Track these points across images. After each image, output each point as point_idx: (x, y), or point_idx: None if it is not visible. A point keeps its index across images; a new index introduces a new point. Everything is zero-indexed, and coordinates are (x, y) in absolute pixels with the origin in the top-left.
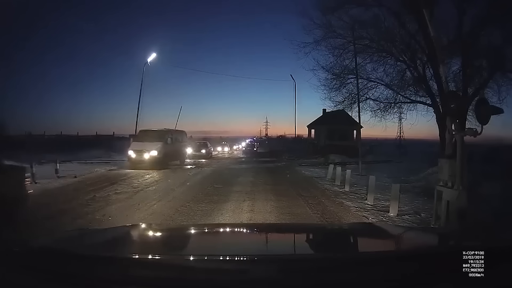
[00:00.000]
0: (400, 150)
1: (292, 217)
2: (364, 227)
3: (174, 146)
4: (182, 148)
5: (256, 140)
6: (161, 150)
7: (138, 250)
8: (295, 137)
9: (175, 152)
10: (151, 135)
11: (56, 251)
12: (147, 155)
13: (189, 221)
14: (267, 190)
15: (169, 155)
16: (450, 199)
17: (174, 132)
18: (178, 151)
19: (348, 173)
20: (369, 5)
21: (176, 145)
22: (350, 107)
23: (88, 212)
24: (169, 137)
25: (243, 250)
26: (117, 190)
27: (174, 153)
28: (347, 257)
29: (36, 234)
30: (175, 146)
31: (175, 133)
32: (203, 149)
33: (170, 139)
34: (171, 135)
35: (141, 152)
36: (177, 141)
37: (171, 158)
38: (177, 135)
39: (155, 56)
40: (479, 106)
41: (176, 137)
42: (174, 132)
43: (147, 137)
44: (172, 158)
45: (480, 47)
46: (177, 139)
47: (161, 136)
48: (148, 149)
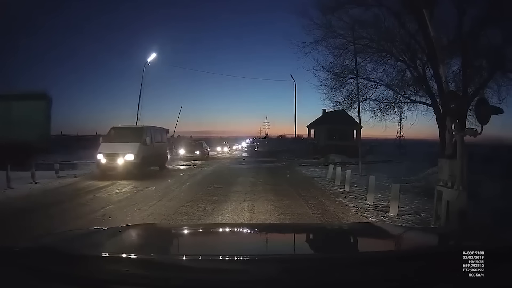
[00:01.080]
0: (400, 150)
1: (292, 217)
2: (364, 227)
3: (154, 147)
4: (162, 149)
5: (256, 140)
6: (138, 153)
7: (138, 250)
8: (295, 137)
9: (155, 154)
10: (126, 134)
11: (56, 251)
12: (121, 160)
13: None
14: (267, 190)
15: (149, 159)
16: (450, 199)
17: (153, 130)
18: (158, 154)
19: (348, 173)
20: (369, 5)
21: (156, 146)
22: (350, 107)
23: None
24: (147, 136)
25: (243, 250)
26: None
27: (154, 156)
28: (347, 257)
29: (36, 234)
30: (155, 148)
31: (155, 131)
32: (197, 150)
33: (149, 138)
34: (151, 133)
35: (113, 157)
36: (157, 141)
37: (150, 163)
38: (157, 133)
39: (155, 56)
40: (479, 106)
41: (155, 135)
42: (154, 129)
43: (121, 136)
44: (152, 162)
45: (480, 47)
46: (156, 138)
47: (138, 134)
48: (122, 152)
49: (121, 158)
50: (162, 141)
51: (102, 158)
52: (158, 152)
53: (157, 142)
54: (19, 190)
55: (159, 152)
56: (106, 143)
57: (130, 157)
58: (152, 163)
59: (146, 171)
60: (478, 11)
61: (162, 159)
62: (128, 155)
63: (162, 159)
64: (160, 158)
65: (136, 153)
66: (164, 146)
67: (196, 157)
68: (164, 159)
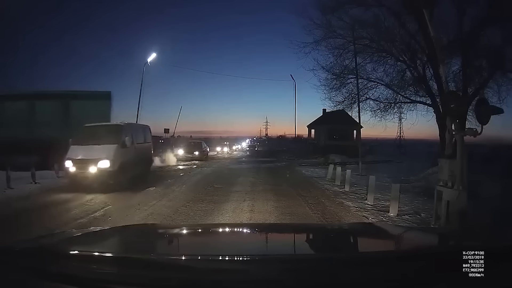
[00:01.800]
0: (400, 150)
1: (292, 217)
2: (364, 227)
3: (135, 149)
4: (146, 152)
5: (256, 140)
6: (115, 158)
7: (137, 250)
8: (295, 137)
9: (137, 159)
10: (100, 135)
11: (56, 251)
12: (94, 169)
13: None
14: (267, 190)
15: (128, 164)
16: (450, 199)
17: (134, 128)
18: (141, 158)
19: (348, 173)
20: (369, 5)
21: (139, 148)
22: (350, 107)
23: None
24: (126, 135)
25: (243, 250)
26: None
27: (135, 161)
28: (347, 257)
29: (36, 234)
30: (137, 150)
31: (136, 129)
32: (196, 151)
33: (129, 139)
34: (131, 133)
35: (84, 164)
36: (139, 142)
37: (131, 169)
38: (139, 132)
39: (155, 56)
40: (479, 106)
41: (137, 135)
42: (135, 127)
43: (94, 137)
44: (133, 168)
45: (480, 47)
46: (138, 138)
47: (114, 134)
48: (94, 158)
49: (93, 165)
50: (146, 142)
51: (70, 166)
52: (141, 155)
53: (139, 143)
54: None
55: (142, 156)
56: (77, 146)
57: (104, 164)
58: (133, 169)
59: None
60: (478, 11)
61: (145, 163)
62: (102, 161)
63: (145, 163)
64: (144, 162)
65: (113, 159)
66: (148, 147)
67: (195, 157)
68: (149, 163)
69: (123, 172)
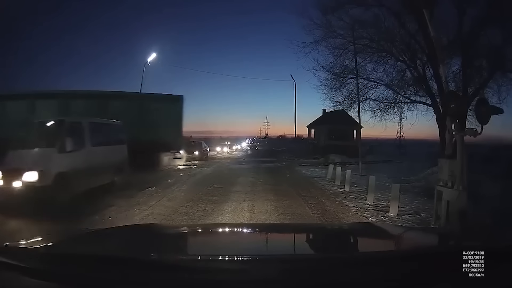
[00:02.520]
0: (400, 150)
1: (292, 217)
2: (364, 227)
3: (92, 153)
4: (113, 156)
5: (256, 140)
6: (49, 167)
7: (137, 250)
8: (295, 137)
9: (97, 166)
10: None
11: (56, 251)
12: (18, 183)
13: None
14: (267, 190)
15: (76, 175)
16: (450, 199)
17: (91, 125)
18: (104, 164)
19: (348, 173)
20: (369, 5)
21: (100, 152)
22: (350, 107)
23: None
24: (70, 135)
25: (243, 250)
26: None
27: (92, 170)
28: (347, 257)
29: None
30: (97, 155)
31: (94, 127)
32: (196, 151)
33: (79, 140)
34: (81, 131)
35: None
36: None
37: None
38: (100, 130)
39: (155, 56)
40: (479, 106)
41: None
42: (92, 124)
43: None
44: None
45: (480, 47)
46: (97, 138)
47: (52, 135)
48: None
49: (17, 179)
50: (112, 143)
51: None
52: (104, 161)
53: (101, 145)
54: None
55: (105, 162)
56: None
57: (30, 176)
58: (87, 181)
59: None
60: (478, 11)
61: (112, 171)
62: (28, 173)
63: (112, 171)
64: (109, 170)
65: (43, 169)
66: (117, 150)
67: (195, 157)
68: (118, 171)
69: (65, 187)
